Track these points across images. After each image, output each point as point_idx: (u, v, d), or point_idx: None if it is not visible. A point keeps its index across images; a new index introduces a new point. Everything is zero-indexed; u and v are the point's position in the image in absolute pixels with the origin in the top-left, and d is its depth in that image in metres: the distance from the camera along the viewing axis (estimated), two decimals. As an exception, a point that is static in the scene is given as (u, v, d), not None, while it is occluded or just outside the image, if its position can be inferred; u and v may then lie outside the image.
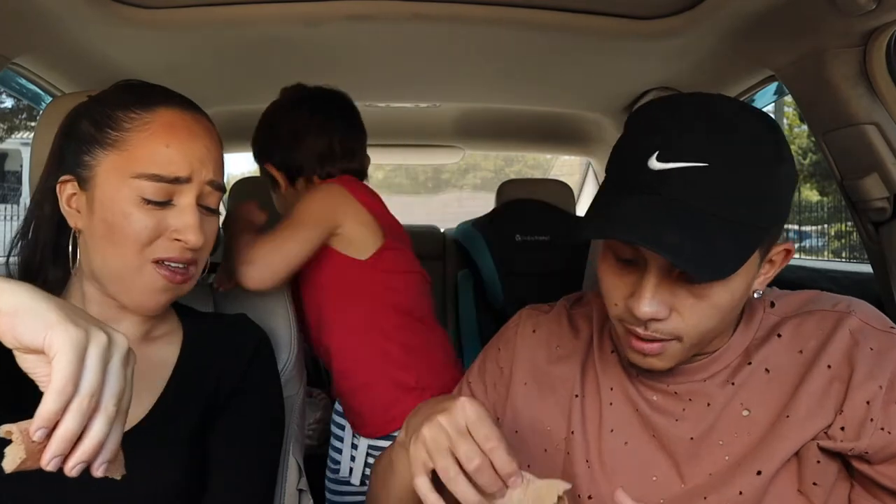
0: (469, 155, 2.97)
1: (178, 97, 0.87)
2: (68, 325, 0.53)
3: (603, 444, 0.80)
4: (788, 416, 0.73)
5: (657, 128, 0.68)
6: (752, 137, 0.67)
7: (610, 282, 0.73)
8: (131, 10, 1.24)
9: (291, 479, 1.00)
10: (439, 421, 0.68)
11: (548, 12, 1.30)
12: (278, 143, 1.36)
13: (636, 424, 0.80)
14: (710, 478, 0.74)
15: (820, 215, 10.45)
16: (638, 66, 1.58)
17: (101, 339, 0.55)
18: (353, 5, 1.29)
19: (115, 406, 0.55)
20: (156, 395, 0.85)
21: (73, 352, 0.52)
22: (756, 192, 0.66)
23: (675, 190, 0.65)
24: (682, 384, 0.78)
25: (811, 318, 0.76)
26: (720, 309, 0.69)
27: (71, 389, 0.52)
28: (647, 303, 0.67)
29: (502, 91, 1.97)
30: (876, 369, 0.71)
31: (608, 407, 0.82)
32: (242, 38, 1.41)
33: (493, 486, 0.65)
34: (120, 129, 0.82)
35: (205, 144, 0.84)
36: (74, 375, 0.52)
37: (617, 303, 0.72)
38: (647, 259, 0.68)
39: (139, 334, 0.88)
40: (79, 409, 0.52)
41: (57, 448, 0.52)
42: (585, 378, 0.84)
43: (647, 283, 0.68)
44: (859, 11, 1.01)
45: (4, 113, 10.11)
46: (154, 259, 0.81)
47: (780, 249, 0.74)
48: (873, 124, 1.15)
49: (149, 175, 0.80)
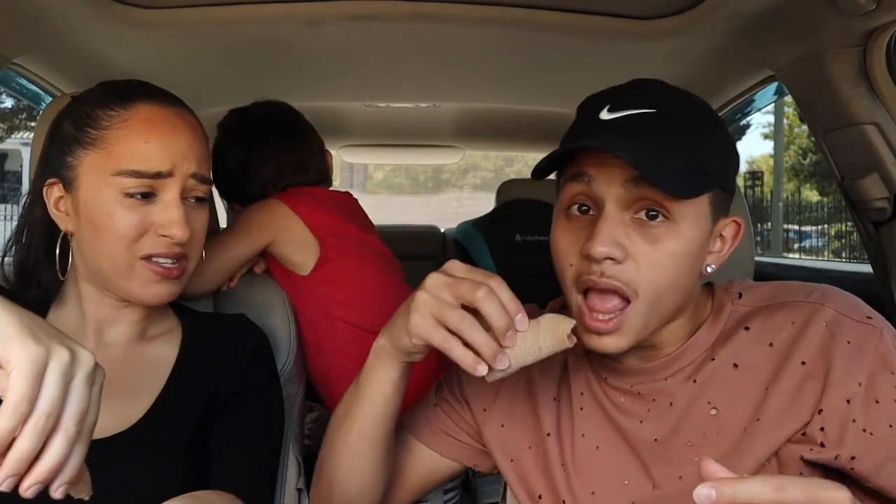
0: (469, 155, 2.97)
1: (160, 92, 0.87)
2: (27, 341, 0.50)
3: (576, 449, 0.79)
4: (759, 419, 0.70)
5: (610, 91, 0.74)
6: (693, 100, 0.74)
7: (563, 239, 0.73)
8: (131, 10, 1.24)
9: (291, 478, 1.00)
10: (432, 278, 0.68)
11: (548, 12, 1.30)
12: (232, 180, 1.36)
13: (606, 428, 0.78)
14: (682, 482, 0.72)
15: (820, 215, 10.45)
16: (638, 66, 1.57)
17: (62, 355, 0.51)
18: (353, 5, 1.29)
19: (76, 426, 0.52)
20: (154, 395, 0.85)
21: (31, 368, 0.49)
22: (700, 138, 0.70)
23: (626, 131, 0.68)
24: (644, 384, 0.76)
25: (782, 310, 0.74)
26: (673, 259, 0.68)
27: (25, 408, 0.49)
28: (602, 239, 0.67)
29: (502, 91, 1.97)
30: (854, 365, 0.68)
31: (579, 412, 0.81)
32: (242, 38, 1.41)
33: (503, 319, 0.63)
34: (99, 127, 0.82)
35: (185, 138, 0.84)
36: (30, 394, 0.49)
37: (572, 261, 0.71)
38: (601, 198, 0.69)
39: (136, 333, 0.88)
40: (34, 429, 0.49)
41: (10, 468, 0.49)
42: (562, 382, 0.84)
43: (603, 221, 0.68)
44: (859, 11, 1.01)
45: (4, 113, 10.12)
46: (143, 256, 0.81)
47: (729, 221, 0.75)
48: (873, 124, 1.15)
49: (129, 171, 0.80)
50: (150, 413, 0.83)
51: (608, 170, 0.69)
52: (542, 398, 0.84)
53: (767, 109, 11.55)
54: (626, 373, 0.78)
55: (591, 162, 0.70)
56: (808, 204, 11.21)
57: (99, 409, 0.56)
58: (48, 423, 0.50)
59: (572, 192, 0.72)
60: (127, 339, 0.88)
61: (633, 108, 0.69)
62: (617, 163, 0.68)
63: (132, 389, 0.85)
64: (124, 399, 0.84)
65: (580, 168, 0.70)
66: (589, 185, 0.70)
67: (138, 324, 0.88)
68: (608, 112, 0.70)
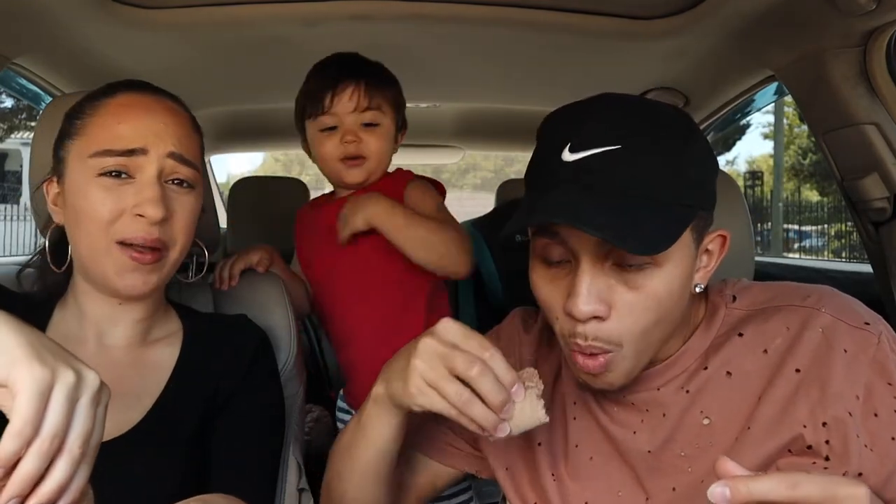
0: (469, 155, 2.97)
1: (145, 84, 0.87)
2: (33, 363, 0.50)
3: (569, 459, 0.78)
4: (749, 428, 0.68)
5: (565, 122, 0.68)
6: (660, 118, 0.67)
7: (545, 291, 0.70)
8: (131, 10, 1.24)
9: (291, 478, 1.00)
10: (427, 344, 0.65)
11: (548, 12, 1.30)
12: None
13: (599, 439, 0.77)
14: (675, 493, 0.71)
15: (820, 215, 10.44)
16: (638, 66, 1.58)
17: (67, 378, 0.51)
18: (352, 5, 1.29)
19: (80, 448, 0.52)
20: (154, 396, 0.85)
21: (36, 391, 0.49)
22: (673, 168, 0.65)
23: (591, 176, 0.64)
24: (637, 393, 0.75)
25: (777, 314, 0.71)
26: (659, 301, 0.66)
27: (30, 431, 0.49)
28: (584, 300, 0.64)
29: (502, 91, 1.97)
30: (851, 375, 0.65)
31: (572, 422, 0.80)
32: (242, 38, 1.41)
33: (499, 396, 0.63)
34: (83, 116, 0.83)
35: (161, 119, 0.83)
36: (35, 417, 0.49)
37: (557, 315, 0.69)
38: (577, 252, 0.66)
39: (138, 336, 0.88)
40: (39, 451, 0.49)
41: (14, 489, 0.49)
42: (555, 392, 0.83)
43: (581, 277, 0.65)
44: (859, 11, 1.01)
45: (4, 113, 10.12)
46: (118, 240, 0.80)
47: (715, 236, 0.72)
48: (873, 124, 1.15)
49: (101, 151, 0.80)
50: (150, 415, 0.83)
51: (578, 230, 0.64)
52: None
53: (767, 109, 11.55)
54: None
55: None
56: (808, 204, 11.21)
57: (104, 428, 0.56)
58: (53, 445, 0.50)
59: (544, 244, 0.69)
60: (128, 342, 0.87)
61: (597, 146, 0.64)
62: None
63: (133, 392, 0.85)
64: (125, 402, 0.84)
65: (550, 227, 0.67)
66: (563, 241, 0.67)
67: (140, 325, 0.88)
68: (570, 153, 0.65)
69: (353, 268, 1.27)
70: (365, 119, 1.23)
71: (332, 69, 1.24)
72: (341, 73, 1.22)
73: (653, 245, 0.61)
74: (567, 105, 0.71)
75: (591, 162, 0.64)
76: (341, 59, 1.26)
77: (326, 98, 1.21)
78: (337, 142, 1.23)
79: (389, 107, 1.26)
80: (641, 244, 0.61)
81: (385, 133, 1.27)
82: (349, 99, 1.21)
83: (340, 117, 1.22)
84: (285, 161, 17.84)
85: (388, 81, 1.29)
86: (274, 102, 2.02)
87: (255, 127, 2.42)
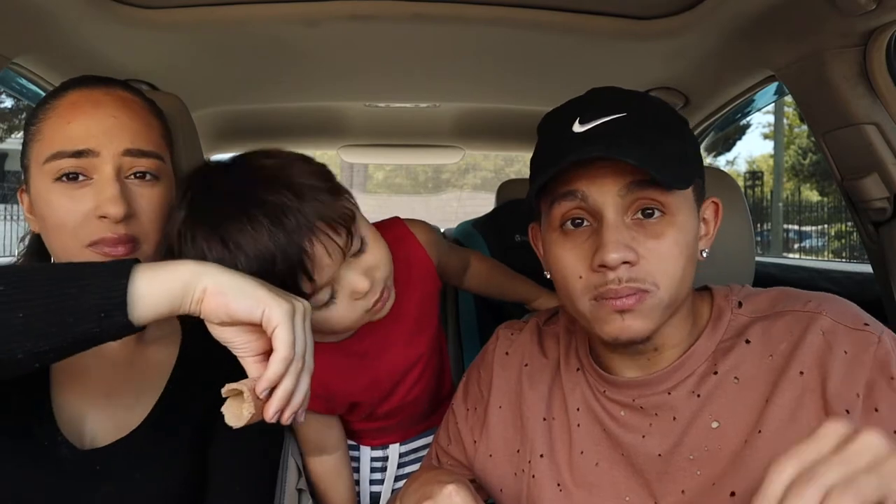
0: (469, 155, 2.96)
1: (96, 78, 0.84)
2: (280, 300, 0.61)
3: (574, 467, 0.78)
4: (761, 431, 0.69)
5: (571, 106, 0.75)
6: (653, 100, 0.77)
7: (567, 256, 0.72)
8: (131, 10, 1.24)
9: (291, 479, 1.00)
10: None
11: (548, 12, 1.30)
12: None
13: (605, 444, 0.77)
14: (684, 496, 0.71)
15: (820, 215, 10.44)
16: (638, 66, 1.58)
17: (300, 307, 0.64)
18: (353, 5, 1.29)
19: (311, 360, 0.65)
20: (155, 396, 0.85)
21: (289, 322, 0.61)
22: (672, 135, 0.71)
23: (608, 139, 0.68)
24: (647, 397, 0.75)
25: (781, 320, 0.73)
26: (679, 248, 0.70)
27: (291, 354, 0.61)
28: (613, 246, 0.67)
29: (502, 91, 1.97)
30: (851, 375, 0.67)
31: (576, 428, 0.80)
32: (242, 38, 1.41)
33: None
34: (37, 121, 0.81)
35: (112, 113, 0.80)
36: (293, 343, 0.61)
37: (581, 273, 0.71)
38: (599, 208, 0.70)
39: (135, 337, 0.88)
40: (295, 370, 0.62)
41: (279, 403, 0.62)
42: (553, 400, 0.83)
43: (606, 229, 0.68)
44: (859, 11, 1.01)
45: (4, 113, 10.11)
46: (88, 244, 0.78)
47: (708, 202, 0.78)
48: (873, 124, 1.15)
49: (52, 154, 0.78)
50: (151, 416, 0.83)
51: (599, 181, 0.69)
52: (531, 421, 0.84)
53: (767, 109, 11.55)
54: (626, 386, 0.77)
55: (578, 178, 0.70)
56: (808, 204, 11.20)
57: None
58: (301, 363, 0.63)
59: (564, 210, 0.72)
60: (126, 342, 0.87)
61: (605, 115, 0.70)
62: (607, 173, 0.69)
63: (132, 394, 0.84)
64: (125, 403, 0.84)
65: (569, 187, 0.71)
66: (583, 200, 0.70)
67: None
68: (580, 124, 0.70)
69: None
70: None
71: None
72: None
73: (682, 179, 0.67)
74: (568, 101, 0.77)
75: (602, 128, 0.69)
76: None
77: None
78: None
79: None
80: (673, 177, 0.67)
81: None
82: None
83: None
84: (285, 161, 17.78)
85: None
86: (274, 102, 2.02)
87: (255, 127, 2.41)
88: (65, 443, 0.79)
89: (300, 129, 2.42)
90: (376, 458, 1.22)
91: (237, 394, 0.64)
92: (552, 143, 0.74)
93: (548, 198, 0.74)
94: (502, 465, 0.85)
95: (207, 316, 0.63)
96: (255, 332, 0.64)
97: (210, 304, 0.62)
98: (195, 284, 0.61)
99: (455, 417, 0.94)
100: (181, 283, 0.61)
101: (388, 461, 1.16)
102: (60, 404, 0.81)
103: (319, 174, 0.84)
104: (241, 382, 0.63)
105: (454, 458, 0.93)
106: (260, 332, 0.64)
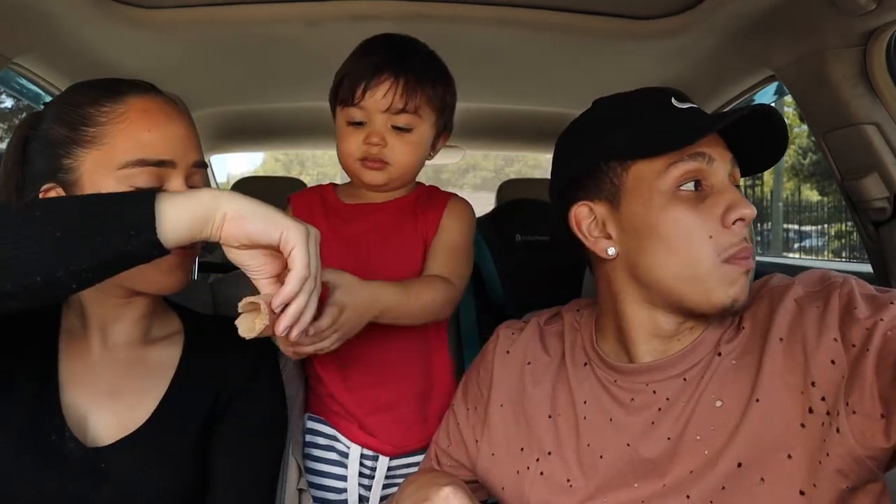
0: (469, 155, 2.97)
1: (143, 84, 0.86)
2: (297, 224, 0.66)
3: (583, 461, 0.79)
4: (758, 400, 0.71)
5: (655, 90, 0.81)
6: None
7: (693, 219, 0.74)
8: (131, 9, 1.24)
9: (292, 478, 1.00)
10: None
11: (548, 12, 1.30)
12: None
13: (611, 435, 0.78)
14: (692, 475, 0.73)
15: (820, 215, 10.44)
16: (638, 67, 1.58)
17: (314, 231, 0.68)
18: (354, 5, 1.29)
19: (319, 284, 0.70)
20: (158, 396, 0.85)
21: (305, 244, 0.66)
22: None
23: (712, 118, 0.75)
24: (660, 381, 0.77)
25: (763, 300, 0.77)
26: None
27: (307, 273, 0.66)
28: (747, 202, 0.73)
29: (502, 91, 1.97)
30: (824, 326, 0.69)
31: (583, 422, 0.81)
32: (242, 38, 1.41)
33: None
34: (96, 124, 0.80)
35: (183, 125, 0.83)
36: (308, 263, 0.66)
37: (711, 233, 0.73)
38: (718, 174, 0.75)
39: (140, 334, 0.88)
40: (308, 289, 0.67)
41: (290, 319, 0.67)
42: (557, 397, 0.84)
43: (732, 191, 0.75)
44: (859, 11, 1.01)
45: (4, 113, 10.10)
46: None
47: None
48: (873, 124, 1.15)
49: (134, 161, 0.79)
50: (153, 417, 0.83)
51: (720, 150, 0.76)
52: (536, 419, 0.84)
53: (767, 109, 11.46)
54: (638, 371, 0.78)
55: (707, 144, 0.75)
56: (808, 204, 11.19)
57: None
58: (314, 283, 0.67)
59: (684, 170, 0.74)
60: (130, 341, 0.87)
61: (689, 101, 0.78)
62: (722, 143, 0.77)
63: (136, 393, 0.85)
64: (128, 402, 0.84)
65: (699, 149, 0.75)
66: (709, 163, 0.75)
67: (141, 322, 0.88)
68: (678, 102, 0.77)
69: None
70: (396, 122, 1.05)
71: (375, 55, 1.05)
72: (382, 63, 1.04)
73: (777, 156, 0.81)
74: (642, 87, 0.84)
75: (698, 109, 0.77)
76: (388, 44, 1.08)
77: (359, 89, 1.03)
78: (361, 140, 1.06)
79: (430, 110, 1.08)
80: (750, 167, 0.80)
81: (417, 140, 1.09)
82: (383, 96, 1.02)
83: (370, 114, 1.04)
84: (285, 161, 17.84)
85: (434, 79, 1.10)
86: (274, 102, 2.02)
87: (255, 127, 2.42)
88: (72, 438, 0.79)
89: (300, 129, 2.43)
90: (365, 463, 1.13)
91: (253, 308, 0.68)
92: (666, 115, 0.77)
93: (659, 162, 0.75)
94: (504, 464, 0.85)
95: (227, 240, 0.66)
96: (269, 255, 0.69)
97: (230, 229, 0.65)
98: (215, 209, 0.65)
99: (456, 418, 0.94)
100: (203, 207, 0.65)
101: (376, 474, 1.13)
102: (67, 402, 0.82)
103: None
104: (256, 297, 0.67)
105: (454, 458, 0.93)
106: (273, 255, 0.69)
